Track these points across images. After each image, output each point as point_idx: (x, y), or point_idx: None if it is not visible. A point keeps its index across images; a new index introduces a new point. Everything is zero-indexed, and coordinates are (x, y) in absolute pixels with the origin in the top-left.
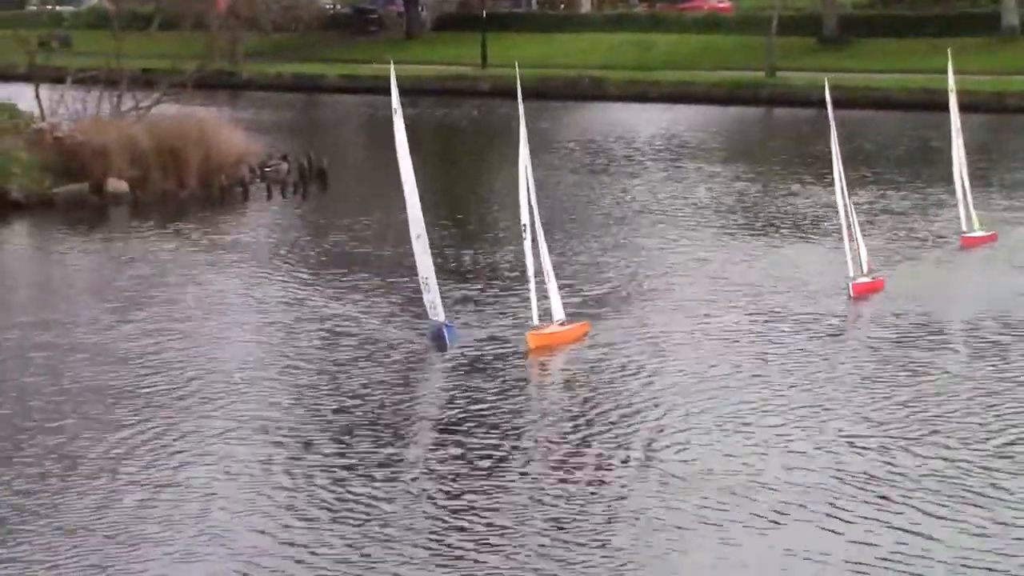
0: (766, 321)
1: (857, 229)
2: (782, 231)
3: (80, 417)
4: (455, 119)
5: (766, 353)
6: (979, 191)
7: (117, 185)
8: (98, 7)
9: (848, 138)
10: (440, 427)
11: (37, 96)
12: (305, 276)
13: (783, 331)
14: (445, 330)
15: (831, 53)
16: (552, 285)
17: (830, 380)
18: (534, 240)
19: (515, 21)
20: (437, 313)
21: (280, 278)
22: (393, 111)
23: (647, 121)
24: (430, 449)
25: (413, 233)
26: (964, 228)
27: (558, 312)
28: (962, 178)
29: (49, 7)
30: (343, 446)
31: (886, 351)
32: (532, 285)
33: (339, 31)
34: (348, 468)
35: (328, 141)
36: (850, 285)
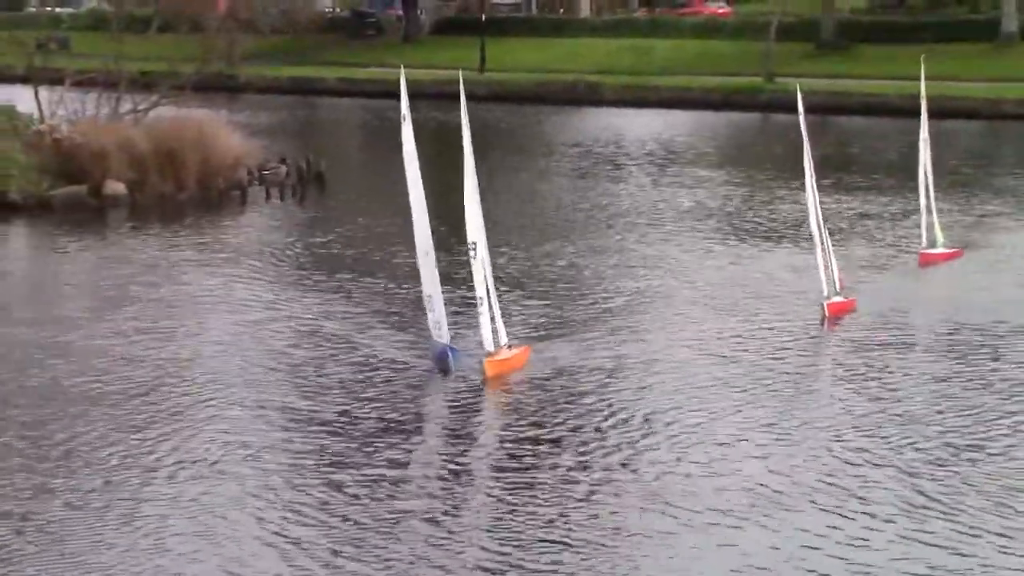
0: (730, 335)
1: (829, 246)
2: (763, 238)
3: (71, 419)
4: (451, 123)
5: (729, 365)
6: (962, 199)
7: (115, 187)
8: (97, 9)
9: (841, 143)
10: (411, 438)
11: (36, 98)
12: (302, 279)
13: (746, 344)
14: (449, 352)
15: (829, 59)
16: (495, 307)
17: (798, 394)
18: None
19: (514, 25)
20: (441, 334)
21: (277, 281)
22: (402, 117)
23: (642, 126)
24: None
25: (421, 250)
26: (924, 244)
27: (503, 335)
28: (927, 192)
29: (48, 9)
30: (334, 455)
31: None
32: (484, 308)
33: (337, 34)
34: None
35: (326, 144)
36: (824, 305)
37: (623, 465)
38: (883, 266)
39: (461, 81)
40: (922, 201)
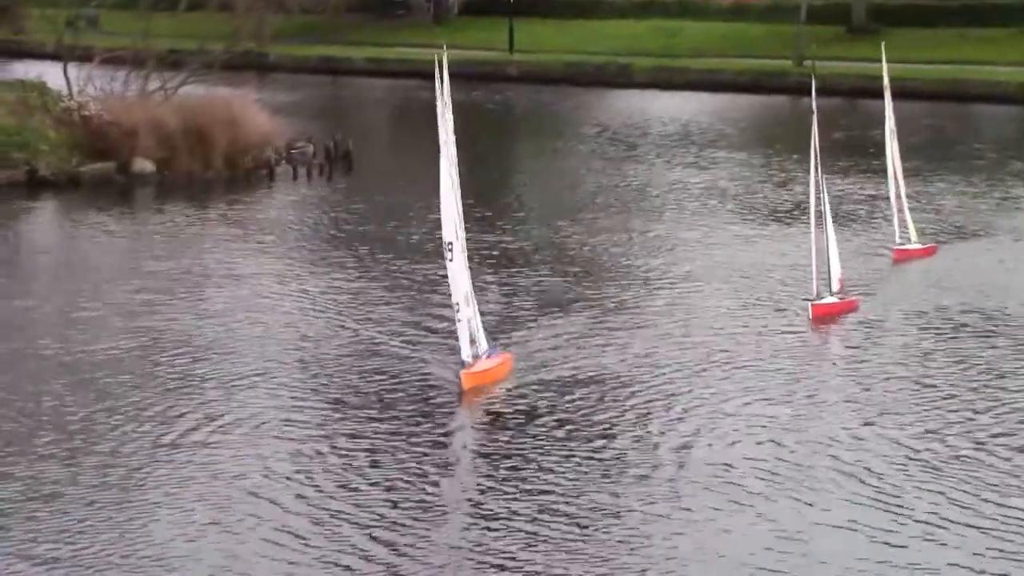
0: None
1: (832, 242)
2: (777, 220)
3: (99, 395)
4: (480, 104)
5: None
6: (985, 184)
7: (143, 165)
8: None
9: (866, 127)
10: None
11: (65, 75)
12: (327, 257)
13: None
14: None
15: (860, 42)
16: (475, 313)
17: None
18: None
19: (543, 6)
20: (478, 347)
21: (302, 259)
22: (441, 103)
23: (669, 108)
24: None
25: (445, 240)
26: (899, 240)
27: (482, 343)
28: (898, 185)
29: None
30: (352, 440)
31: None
32: (462, 315)
33: (366, 14)
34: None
35: (354, 123)
36: (810, 306)
37: (643, 450)
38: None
39: (444, 64)
40: (892, 194)
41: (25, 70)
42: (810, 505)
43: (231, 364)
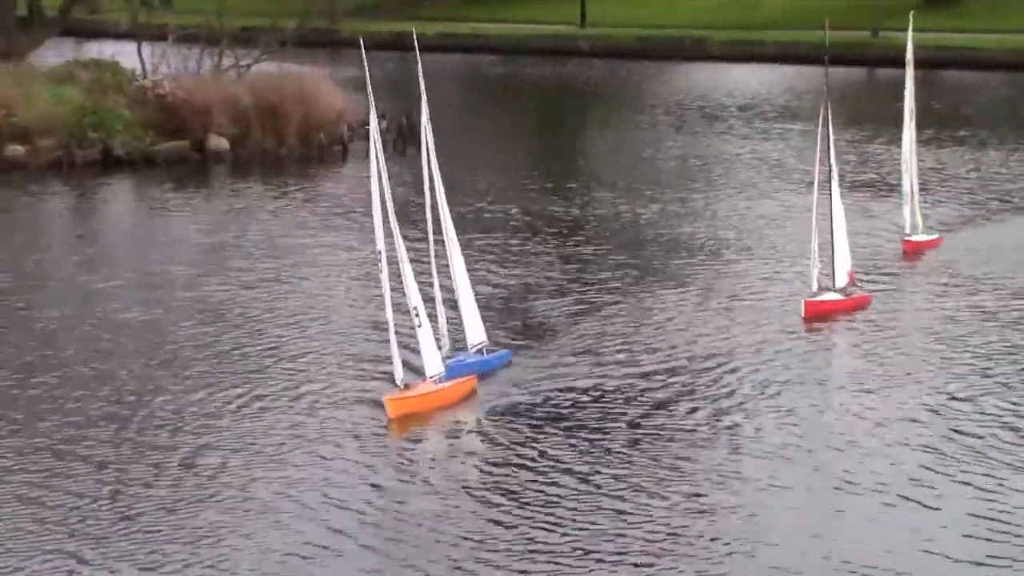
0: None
1: (844, 238)
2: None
3: (175, 374)
4: (551, 79)
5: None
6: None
7: (218, 142)
8: None
9: (935, 97)
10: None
11: (139, 54)
12: (403, 234)
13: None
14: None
15: (937, 13)
16: (426, 328)
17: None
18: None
19: None
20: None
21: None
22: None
23: (743, 81)
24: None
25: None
26: (908, 231)
27: (433, 365)
28: (911, 172)
29: None
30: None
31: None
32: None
33: None
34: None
35: (429, 101)
36: (803, 303)
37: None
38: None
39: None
40: (905, 184)
41: (99, 50)
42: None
43: (316, 334)
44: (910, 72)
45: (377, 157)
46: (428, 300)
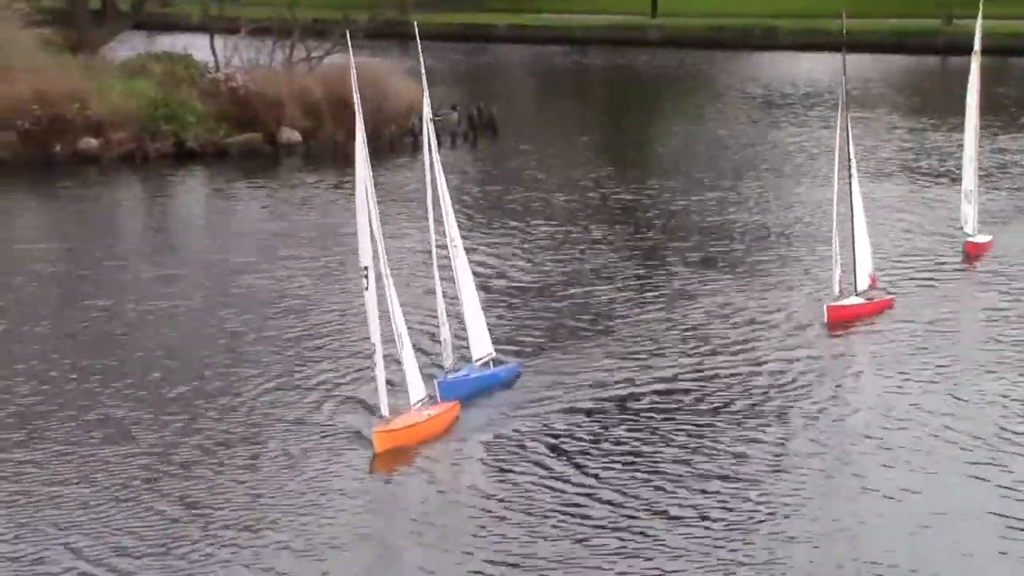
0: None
1: (863, 237)
2: (904, 179)
3: (250, 361)
4: (622, 69)
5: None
6: None
7: (289, 135)
8: None
9: (1004, 85)
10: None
11: (212, 46)
12: (475, 224)
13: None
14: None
15: (1011, 0)
16: (408, 353)
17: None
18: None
19: None
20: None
21: (470, 227)
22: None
23: (814, 70)
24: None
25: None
26: (970, 232)
27: (416, 391)
28: (974, 169)
29: None
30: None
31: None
32: (378, 359)
33: None
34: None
35: (497, 90)
36: (825, 308)
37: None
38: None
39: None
40: (967, 182)
41: (172, 43)
42: None
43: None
44: (976, 66)
45: (366, 160)
46: (433, 312)
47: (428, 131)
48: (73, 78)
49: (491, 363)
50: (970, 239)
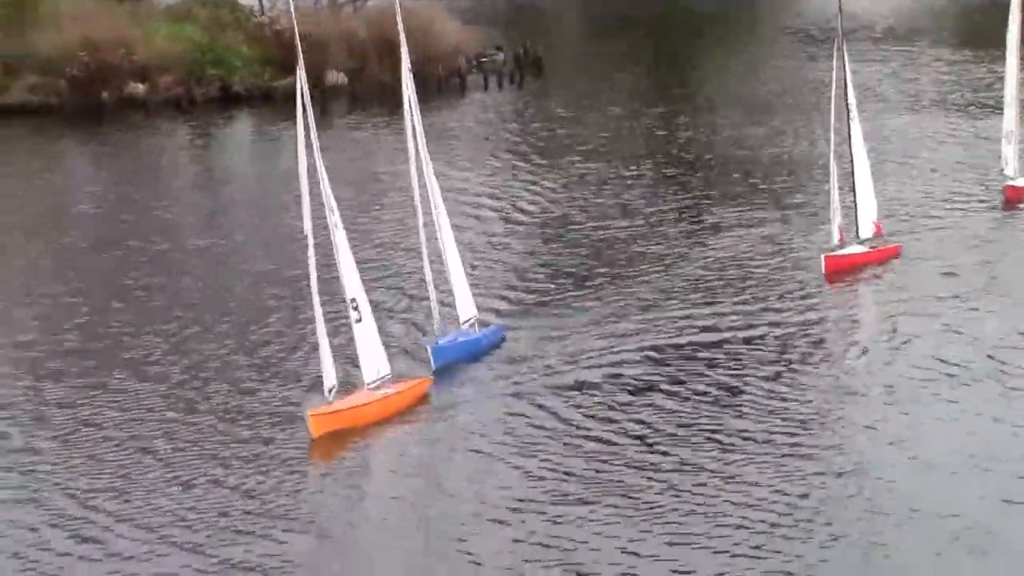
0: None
1: (869, 186)
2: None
3: (275, 296)
4: (667, 8)
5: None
6: None
7: (335, 77)
8: None
9: None
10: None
11: None
12: (519, 164)
13: None
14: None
15: None
16: (370, 327)
17: None
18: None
19: None
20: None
21: (495, 166)
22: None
23: (869, 4)
24: None
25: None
26: (1011, 175)
27: (371, 368)
28: (1015, 110)
29: None
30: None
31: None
32: (324, 346)
33: None
34: None
35: (543, 31)
36: (823, 258)
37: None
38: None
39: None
40: (1008, 122)
41: None
42: None
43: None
44: (1017, 1)
45: (307, 125)
46: (418, 275)
47: (408, 85)
48: (119, 24)
49: (475, 325)
50: (1010, 182)
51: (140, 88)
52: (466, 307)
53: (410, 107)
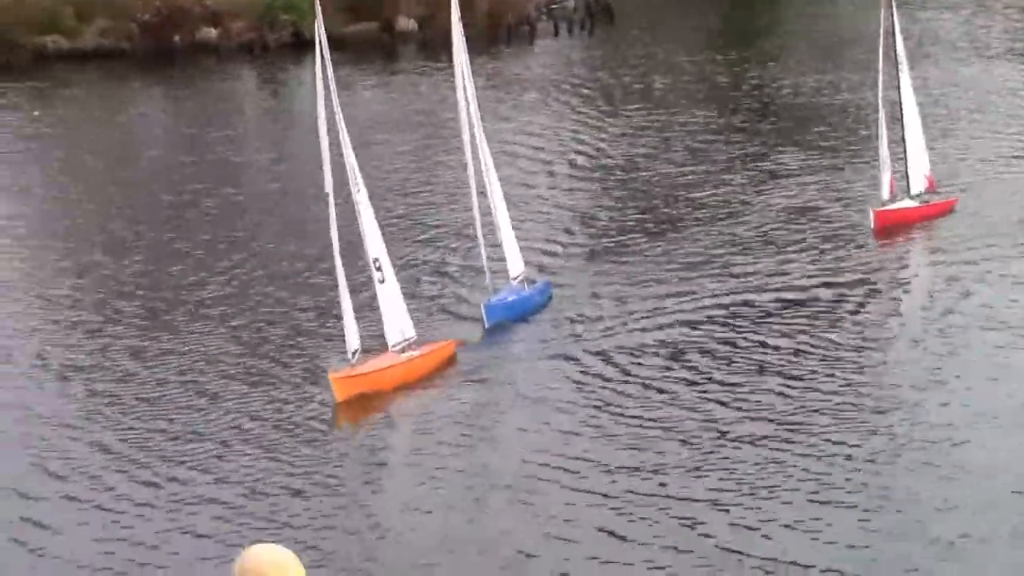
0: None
1: (919, 139)
2: None
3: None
4: None
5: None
6: None
7: (406, 24)
8: None
9: None
10: None
11: None
12: (583, 113)
13: None
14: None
15: None
16: (392, 287)
17: None
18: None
19: None
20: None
21: (563, 114)
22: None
23: None
24: None
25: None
26: None
27: (395, 331)
28: None
29: None
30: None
31: None
32: (347, 307)
33: None
34: None
35: None
36: (871, 213)
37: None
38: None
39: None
40: None
41: None
42: None
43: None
44: None
45: (326, 73)
46: (468, 231)
47: (458, 40)
48: None
49: (525, 282)
50: None
51: (212, 33)
52: (515, 263)
53: (460, 63)
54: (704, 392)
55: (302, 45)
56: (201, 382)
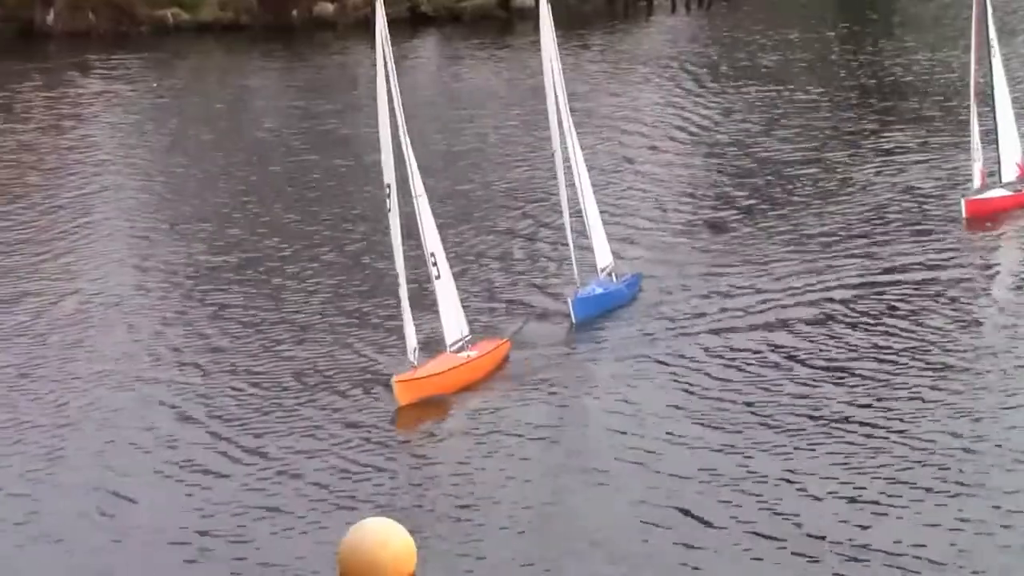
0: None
1: (1013, 123)
2: None
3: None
4: None
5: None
6: None
7: (522, 0)
8: None
9: None
10: None
11: None
12: (691, 89)
13: None
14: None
15: None
16: (448, 286)
17: None
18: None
19: None
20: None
21: (679, 90)
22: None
23: None
24: None
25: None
26: None
27: (453, 330)
28: None
29: None
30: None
31: None
32: (405, 304)
33: None
34: None
35: None
36: (963, 202)
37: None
38: None
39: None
40: None
41: None
42: None
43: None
44: None
45: (387, 67)
46: (555, 221)
47: (546, 21)
48: None
49: (613, 274)
50: None
51: (330, 8)
52: (603, 254)
53: (548, 46)
54: (794, 375)
55: (418, 20)
56: (283, 351)
